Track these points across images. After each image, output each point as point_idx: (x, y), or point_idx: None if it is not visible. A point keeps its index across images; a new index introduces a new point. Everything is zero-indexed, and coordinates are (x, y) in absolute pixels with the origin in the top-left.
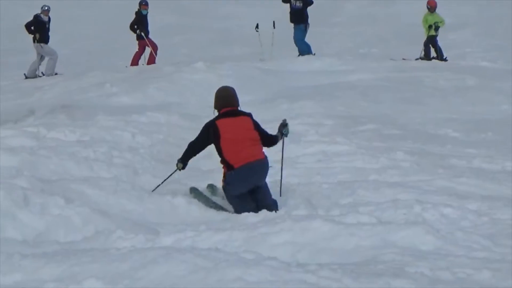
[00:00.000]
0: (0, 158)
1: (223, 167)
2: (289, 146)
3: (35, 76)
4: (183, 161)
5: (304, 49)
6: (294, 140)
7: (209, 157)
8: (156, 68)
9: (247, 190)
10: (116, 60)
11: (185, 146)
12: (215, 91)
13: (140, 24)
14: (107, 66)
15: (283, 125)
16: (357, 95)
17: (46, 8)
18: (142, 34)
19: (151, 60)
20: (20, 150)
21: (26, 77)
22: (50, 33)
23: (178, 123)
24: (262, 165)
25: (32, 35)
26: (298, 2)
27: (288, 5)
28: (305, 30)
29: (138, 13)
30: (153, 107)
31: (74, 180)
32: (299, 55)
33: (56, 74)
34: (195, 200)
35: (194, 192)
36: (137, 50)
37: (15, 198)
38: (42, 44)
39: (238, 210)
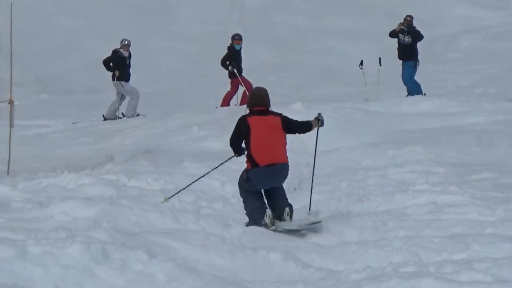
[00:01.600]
0: (77, 209)
1: (247, 161)
2: (396, 196)
3: (115, 118)
4: (236, 152)
5: (413, 89)
6: (401, 189)
7: None
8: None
9: (263, 189)
10: (205, 99)
11: None
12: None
13: (233, 60)
14: (194, 107)
15: (319, 114)
16: (471, 140)
17: (126, 42)
18: (235, 71)
19: (245, 100)
20: (98, 200)
21: (105, 119)
22: (131, 70)
23: None
24: (284, 169)
25: (111, 72)
26: (407, 36)
27: (395, 40)
28: (414, 68)
29: (231, 48)
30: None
31: (157, 233)
32: (407, 95)
33: (138, 115)
34: (292, 254)
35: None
36: (229, 89)
37: (93, 252)
38: (122, 82)
39: (248, 206)
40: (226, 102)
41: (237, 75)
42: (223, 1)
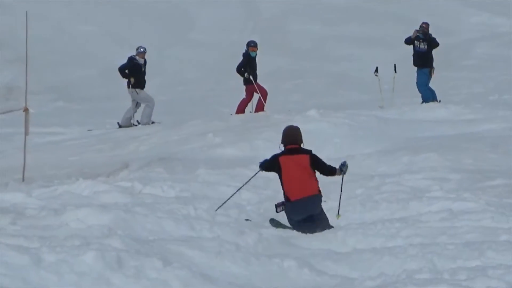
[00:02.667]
0: (92, 216)
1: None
2: (411, 203)
3: (130, 125)
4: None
5: (428, 96)
6: (416, 196)
7: None
8: (265, 116)
9: (302, 219)
10: (220, 107)
11: None
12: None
13: (248, 67)
14: (209, 114)
15: (343, 165)
16: (486, 147)
17: (142, 50)
18: (251, 78)
19: (260, 107)
20: (113, 207)
21: (120, 126)
22: (146, 77)
23: None
24: (314, 199)
25: (127, 80)
26: (422, 43)
27: (411, 47)
28: (429, 75)
29: (246, 55)
30: (261, 159)
31: (172, 240)
32: (422, 102)
33: (153, 122)
34: (307, 262)
35: (274, 222)
36: (244, 96)
37: (108, 260)
38: (137, 90)
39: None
40: (241, 109)
41: (253, 82)
42: (240, 9)
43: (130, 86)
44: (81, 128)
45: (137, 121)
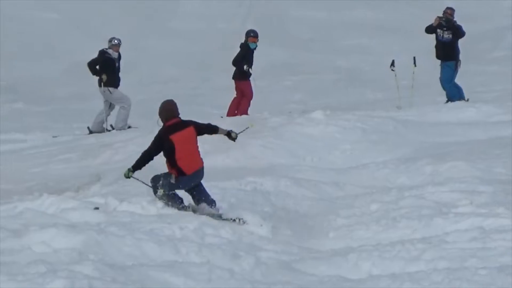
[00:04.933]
0: (59, 238)
1: (172, 169)
2: (435, 220)
3: (102, 130)
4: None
5: (454, 93)
6: (441, 212)
7: None
8: (261, 119)
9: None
10: (208, 108)
11: (300, 220)
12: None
13: (246, 60)
14: (195, 117)
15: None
16: None
17: (116, 42)
18: (250, 71)
19: (244, 110)
20: (84, 227)
21: (91, 132)
22: (120, 74)
23: (288, 191)
24: (202, 171)
25: (98, 77)
26: (446, 32)
27: (433, 36)
28: (455, 69)
29: (245, 46)
30: (257, 170)
31: (154, 266)
32: (447, 101)
33: (129, 127)
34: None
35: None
36: (234, 95)
37: None
38: (110, 89)
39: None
40: (232, 111)
41: (249, 77)
42: None
43: (102, 84)
44: (44, 134)
45: (111, 125)
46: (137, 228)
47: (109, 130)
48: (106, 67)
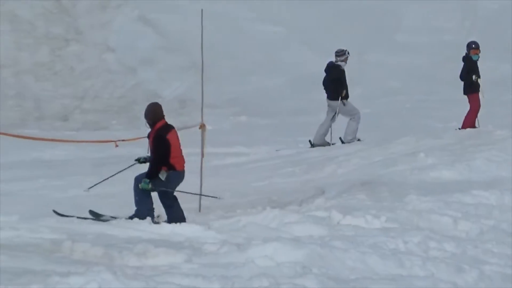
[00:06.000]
0: (282, 252)
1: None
2: None
3: (325, 144)
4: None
5: None
6: None
7: None
8: (486, 132)
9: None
10: (433, 121)
11: None
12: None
13: (474, 71)
14: (420, 130)
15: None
16: None
17: (348, 54)
18: (479, 81)
19: (469, 123)
20: (307, 241)
21: (313, 145)
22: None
23: None
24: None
25: (337, 91)
26: None
27: None
28: None
29: (468, 59)
30: (481, 183)
31: (378, 279)
32: None
33: (358, 140)
34: None
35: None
36: (468, 109)
37: None
38: (344, 101)
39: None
40: (469, 123)
41: (479, 88)
42: (453, 6)
43: (340, 97)
44: (268, 148)
45: (340, 138)
46: (360, 242)
47: (333, 144)
48: (343, 80)
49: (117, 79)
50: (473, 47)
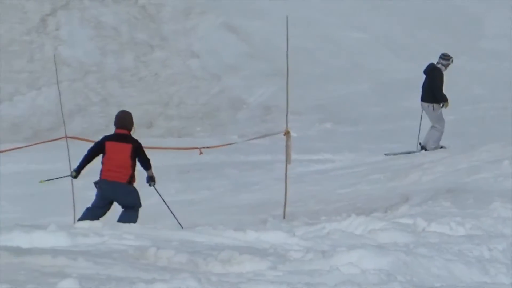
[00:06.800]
0: (367, 259)
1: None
2: None
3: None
4: None
5: None
6: None
7: None
8: None
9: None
10: None
11: None
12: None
13: None
14: (505, 138)
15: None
16: None
17: (451, 60)
18: None
19: None
20: (392, 248)
21: (423, 149)
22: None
23: None
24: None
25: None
26: None
27: None
28: None
29: None
30: None
31: (463, 287)
32: None
33: (441, 147)
34: None
35: None
36: None
37: None
38: (435, 105)
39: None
40: None
41: None
42: None
43: (434, 102)
44: (353, 155)
45: (420, 143)
46: (445, 249)
47: (413, 152)
48: (440, 84)
49: (201, 85)
50: None
